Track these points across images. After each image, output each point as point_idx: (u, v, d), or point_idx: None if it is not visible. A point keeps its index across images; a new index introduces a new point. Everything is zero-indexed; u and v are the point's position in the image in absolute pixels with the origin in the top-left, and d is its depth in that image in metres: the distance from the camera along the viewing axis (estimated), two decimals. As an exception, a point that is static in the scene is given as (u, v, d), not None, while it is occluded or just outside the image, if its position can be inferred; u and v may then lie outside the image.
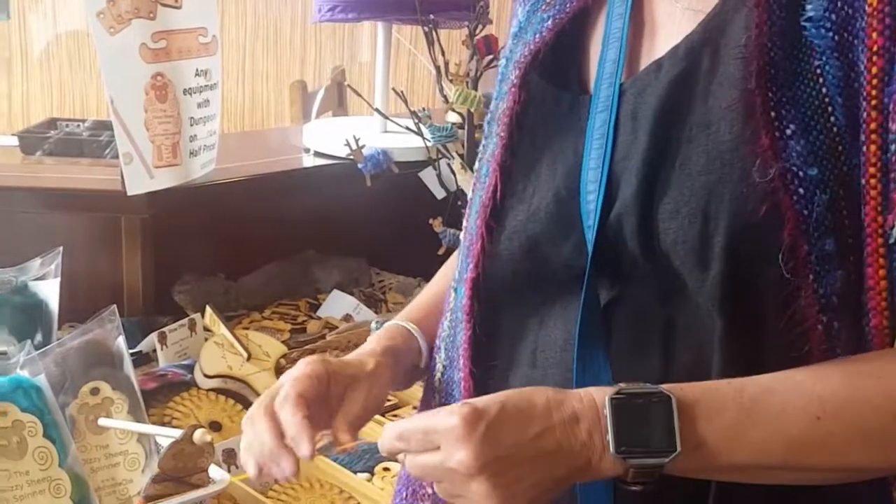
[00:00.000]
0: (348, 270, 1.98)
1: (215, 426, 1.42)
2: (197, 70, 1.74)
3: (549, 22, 0.77)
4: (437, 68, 1.86)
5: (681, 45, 0.70)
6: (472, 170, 1.91)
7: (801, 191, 0.64)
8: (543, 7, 0.78)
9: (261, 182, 1.90)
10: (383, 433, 0.71)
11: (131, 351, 1.55)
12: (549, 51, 0.77)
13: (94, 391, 1.20)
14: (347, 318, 1.80)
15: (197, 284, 1.79)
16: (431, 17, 1.80)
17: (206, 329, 1.63)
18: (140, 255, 1.76)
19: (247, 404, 1.49)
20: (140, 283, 1.77)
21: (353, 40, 3.65)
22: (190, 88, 1.73)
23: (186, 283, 1.79)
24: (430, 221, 1.96)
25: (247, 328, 1.72)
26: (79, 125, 2.15)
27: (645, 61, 0.73)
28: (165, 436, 1.13)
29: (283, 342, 1.66)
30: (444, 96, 1.89)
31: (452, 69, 1.85)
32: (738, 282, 0.67)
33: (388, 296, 1.92)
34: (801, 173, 0.65)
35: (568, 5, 0.77)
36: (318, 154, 2.02)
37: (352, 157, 1.91)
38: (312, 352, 1.65)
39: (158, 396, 1.44)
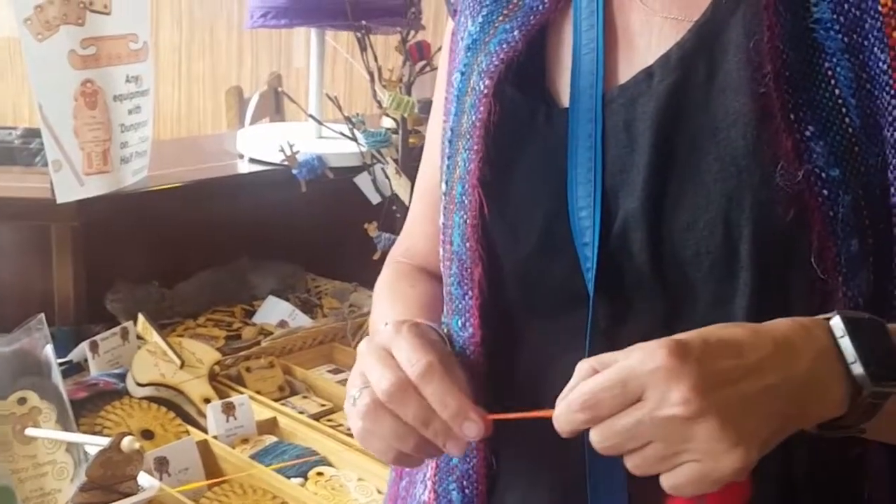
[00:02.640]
0: (284, 276, 1.98)
1: (147, 434, 1.41)
2: (127, 76, 1.73)
3: (516, 32, 0.74)
4: (371, 74, 1.87)
5: (672, 52, 0.69)
6: (406, 175, 1.93)
7: (825, 192, 0.63)
8: (501, 18, 0.75)
9: (194, 188, 1.90)
10: (559, 411, 0.60)
11: (62, 360, 1.54)
12: (519, 61, 0.74)
13: (22, 401, 1.19)
14: (283, 323, 1.80)
15: (130, 292, 1.77)
16: (363, 23, 1.81)
17: (139, 337, 1.62)
18: (71, 264, 1.75)
19: (179, 412, 1.48)
20: (71, 291, 1.75)
21: (290, 46, 3.64)
22: (120, 95, 1.71)
23: (119, 291, 1.78)
24: (365, 226, 1.97)
25: (181, 336, 1.71)
26: (10, 132, 2.12)
27: (624, 71, 0.71)
28: (94, 444, 1.13)
29: (217, 349, 1.65)
30: (378, 102, 1.90)
31: (386, 75, 1.86)
32: (769, 289, 0.65)
33: (323, 301, 1.93)
34: (823, 175, 0.63)
35: (533, 16, 0.74)
36: (252, 160, 2.02)
37: (286, 162, 1.92)
38: (247, 358, 1.65)
39: (89, 405, 1.43)
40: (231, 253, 1.95)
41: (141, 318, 1.62)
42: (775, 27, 0.65)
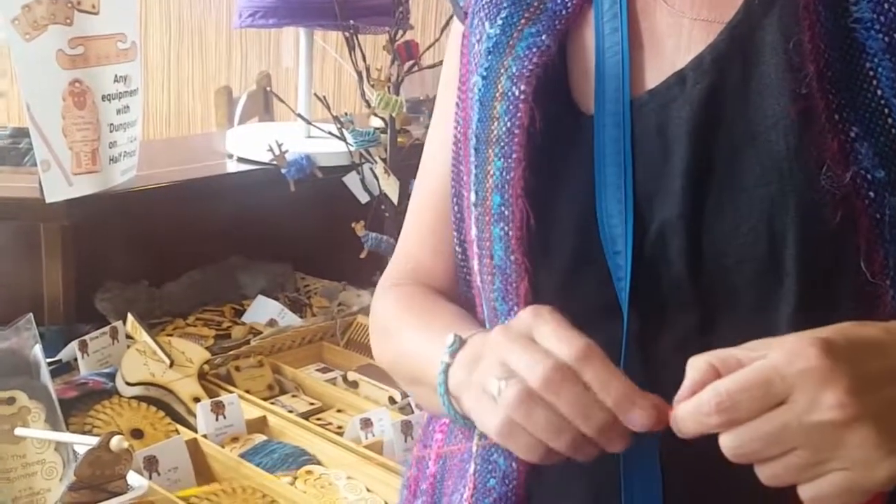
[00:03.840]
0: (273, 275, 1.99)
1: (137, 433, 1.41)
2: (116, 76, 1.73)
3: (545, 36, 0.71)
4: (359, 73, 1.88)
5: (705, 55, 0.67)
6: (394, 174, 1.94)
7: (871, 194, 0.62)
8: (524, 21, 0.73)
9: (183, 188, 1.90)
10: (685, 412, 0.55)
11: (52, 360, 1.54)
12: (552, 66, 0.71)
13: (10, 401, 1.19)
14: (272, 322, 1.81)
15: (119, 292, 1.78)
16: (352, 22, 1.82)
17: (129, 336, 1.62)
18: (60, 263, 1.75)
19: (169, 411, 1.49)
20: (61, 291, 1.76)
21: (279, 46, 3.64)
22: (109, 95, 1.71)
23: (109, 290, 1.78)
24: (353, 225, 1.98)
25: (170, 335, 1.71)
26: (-2, 132, 2.12)
27: (652, 75, 0.69)
28: (83, 444, 1.13)
29: (207, 348, 1.65)
30: (367, 101, 1.91)
31: (374, 74, 1.87)
32: (814, 295, 0.63)
33: (312, 300, 1.93)
34: (869, 176, 0.62)
35: (558, 21, 0.72)
36: (241, 160, 2.02)
37: (275, 162, 1.92)
38: (237, 357, 1.66)
39: (79, 405, 1.43)
40: (220, 252, 1.95)
41: (130, 317, 1.62)
42: (815, 26, 0.63)
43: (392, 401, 1.58)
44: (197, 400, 1.48)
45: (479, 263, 0.74)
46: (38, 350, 1.23)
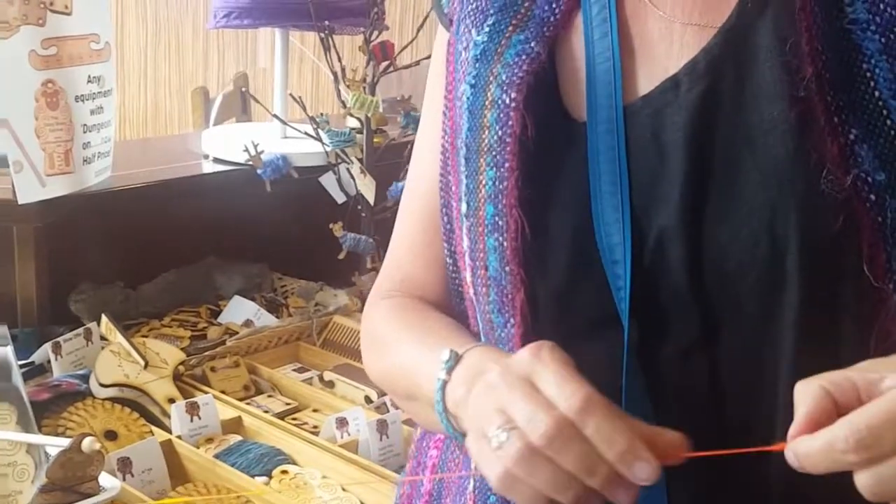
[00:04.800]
0: (250, 276, 1.98)
1: (111, 435, 1.41)
2: (89, 77, 1.72)
3: (534, 43, 0.70)
4: (335, 74, 1.88)
5: (699, 59, 0.66)
6: (370, 174, 1.94)
7: (872, 197, 0.61)
8: (511, 28, 0.71)
9: (158, 189, 1.89)
10: (813, 449, 0.52)
11: (25, 362, 1.53)
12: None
13: (-19, 403, 1.19)
14: (248, 323, 1.80)
15: (94, 293, 1.77)
16: (327, 23, 1.82)
17: (103, 338, 1.61)
18: (34, 265, 1.73)
19: (144, 412, 1.48)
20: (34, 293, 1.74)
21: (256, 46, 3.64)
22: (82, 95, 1.71)
23: (83, 292, 1.77)
24: (331, 226, 1.98)
25: (145, 336, 1.70)
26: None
27: (644, 81, 0.68)
28: (54, 445, 1.12)
29: (182, 349, 1.65)
30: (342, 101, 1.91)
31: (350, 75, 1.87)
32: (817, 301, 0.63)
33: (289, 300, 1.93)
34: (870, 179, 0.61)
35: (546, 28, 0.70)
36: (217, 160, 2.02)
37: (251, 162, 1.92)
38: (212, 358, 1.65)
39: (52, 407, 1.42)
40: (196, 253, 1.95)
41: (104, 318, 1.61)
42: (812, 28, 0.63)
43: (368, 400, 1.58)
44: (172, 401, 1.48)
45: (473, 275, 0.72)
46: (9, 352, 1.22)
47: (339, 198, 1.99)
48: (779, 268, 0.62)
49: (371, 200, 1.97)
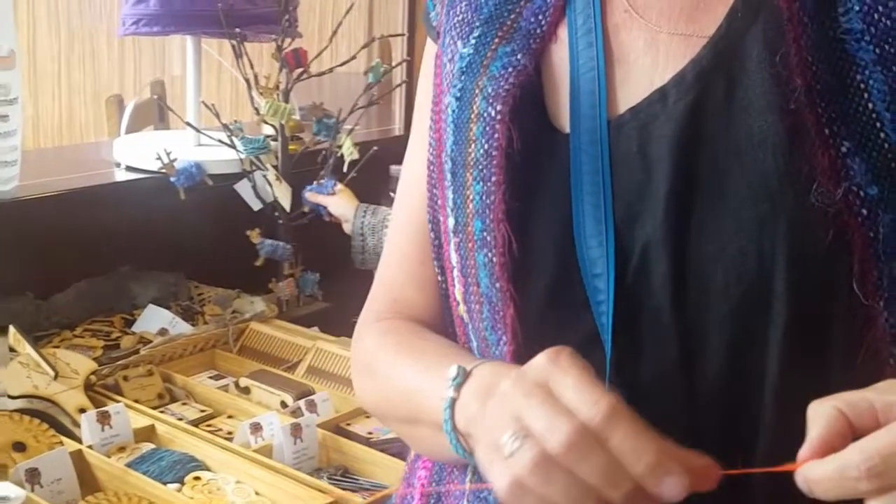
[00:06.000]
0: (166, 284, 1.97)
1: (19, 447, 1.39)
2: (-6, 85, 1.70)
3: (520, 55, 0.68)
4: (247, 81, 1.89)
5: (687, 71, 0.64)
6: (286, 181, 1.95)
7: (864, 211, 0.59)
8: (497, 40, 0.70)
9: (69, 197, 1.87)
10: (819, 475, 0.50)
11: (-70, 376, 1.50)
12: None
13: None
14: (163, 331, 1.80)
15: (2, 304, 1.74)
16: (238, 30, 1.82)
17: (11, 349, 1.59)
18: (-60, 277, 1.71)
19: (54, 423, 1.47)
20: (-59, 305, 1.71)
21: (172, 54, 3.60)
22: (-13, 104, 1.68)
23: (-9, 303, 1.74)
24: (248, 233, 1.98)
25: (57, 346, 1.69)
26: None
27: (630, 92, 0.66)
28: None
29: (94, 359, 1.64)
30: (256, 108, 1.92)
31: (262, 82, 1.88)
32: (805, 319, 0.60)
33: (205, 308, 1.93)
34: (862, 193, 0.59)
35: (533, 40, 0.69)
36: (130, 168, 2.00)
37: (164, 170, 1.91)
38: (125, 367, 1.64)
39: (-42, 420, 1.40)
40: (110, 262, 1.93)
41: (12, 329, 1.59)
42: (801, 39, 0.61)
43: (284, 405, 1.59)
44: (83, 411, 1.47)
45: (466, 292, 0.70)
46: (-90, 364, 1.21)
47: (255, 205, 1.99)
48: (766, 285, 0.60)
49: (287, 207, 1.98)
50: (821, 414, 0.51)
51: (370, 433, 1.50)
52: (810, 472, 0.51)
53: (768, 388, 0.61)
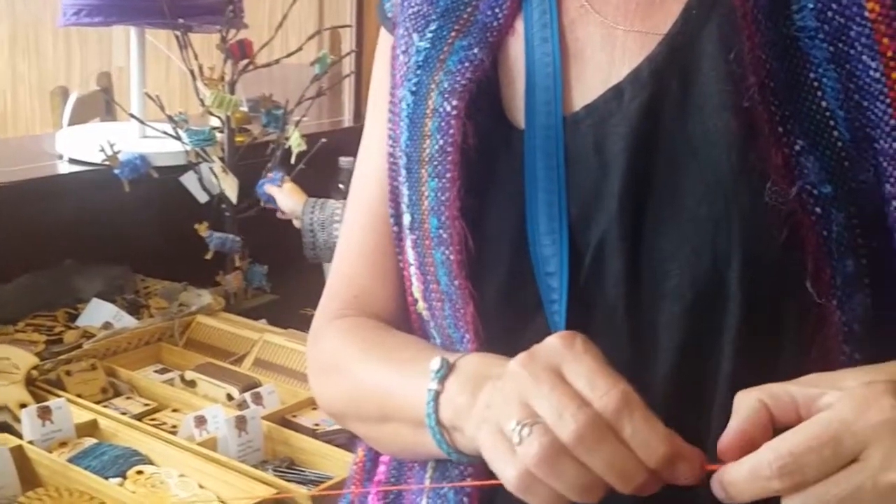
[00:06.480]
0: (111, 278, 1.95)
1: (-43, 443, 1.37)
2: (-69, 76, 1.67)
3: (477, 49, 0.67)
4: (192, 72, 1.87)
5: (642, 67, 0.63)
6: (232, 173, 1.93)
7: (818, 210, 0.59)
8: (454, 34, 0.69)
9: (10, 190, 1.84)
10: (738, 477, 0.50)
11: None
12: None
13: None
14: (107, 325, 1.78)
15: (-58, 300, 1.71)
16: (181, 21, 1.80)
17: (-50, 345, 1.57)
18: None
19: (-7, 419, 1.45)
20: None
21: (119, 45, 3.55)
22: (-76, 95, 1.65)
23: (-70, 298, 1.71)
24: (196, 226, 1.97)
25: (-2, 342, 1.66)
26: None
27: (585, 89, 0.65)
28: None
29: (36, 354, 1.61)
30: (201, 100, 1.90)
31: (207, 73, 1.86)
32: (759, 318, 0.60)
33: (150, 301, 1.91)
34: (815, 191, 0.59)
35: (489, 33, 0.68)
36: (73, 161, 1.98)
37: (108, 162, 1.89)
38: (68, 361, 1.62)
39: None
40: (54, 256, 1.90)
41: (-50, 325, 1.57)
42: (755, 36, 0.60)
43: (230, 397, 1.58)
44: (24, 406, 1.45)
45: (426, 289, 0.69)
46: None
47: (202, 197, 1.98)
48: (720, 283, 0.60)
49: (234, 199, 1.96)
50: (744, 405, 0.52)
51: (316, 425, 1.50)
52: (725, 474, 0.51)
53: (720, 386, 0.61)
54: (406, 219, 0.70)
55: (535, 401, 0.52)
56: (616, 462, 0.50)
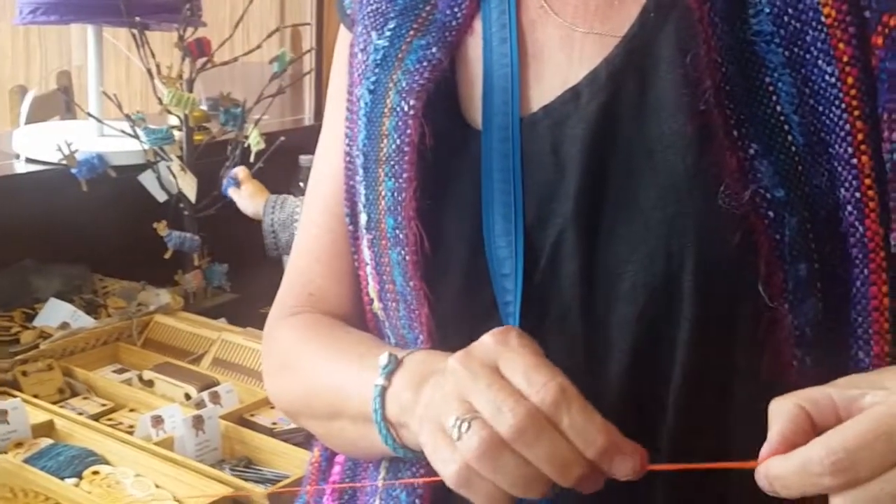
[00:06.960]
0: (69, 278, 1.93)
1: (-90, 445, 1.36)
2: None
3: (435, 49, 0.67)
4: (149, 71, 1.86)
5: (600, 70, 0.63)
6: (191, 171, 1.93)
7: (771, 214, 0.59)
8: (412, 32, 0.69)
9: (-35, 190, 1.83)
10: (781, 471, 0.49)
11: None
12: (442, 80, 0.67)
13: None
14: (65, 325, 1.77)
15: None
16: (138, 19, 1.80)
17: None
18: None
19: (-53, 421, 1.44)
20: None
21: (78, 43, 3.52)
22: None
23: None
24: (155, 225, 1.96)
25: (-47, 343, 1.65)
26: None
27: (543, 90, 0.65)
28: None
29: (-8, 354, 1.61)
30: (159, 98, 1.89)
31: (164, 72, 1.86)
32: (711, 321, 0.60)
33: (108, 301, 1.90)
34: (769, 195, 0.59)
35: (448, 32, 0.68)
36: (29, 160, 1.96)
37: (65, 162, 1.88)
38: (24, 362, 1.61)
39: None
40: (10, 256, 1.89)
41: None
42: (711, 40, 0.61)
43: (187, 397, 1.58)
44: (-22, 407, 1.44)
45: (381, 289, 0.69)
46: None
47: (160, 196, 1.97)
48: (673, 287, 0.60)
49: (192, 198, 1.96)
50: (781, 410, 0.51)
51: (274, 423, 1.50)
52: (772, 468, 0.50)
53: (673, 388, 0.61)
54: (362, 218, 0.70)
55: (474, 396, 0.53)
56: (555, 454, 0.51)
